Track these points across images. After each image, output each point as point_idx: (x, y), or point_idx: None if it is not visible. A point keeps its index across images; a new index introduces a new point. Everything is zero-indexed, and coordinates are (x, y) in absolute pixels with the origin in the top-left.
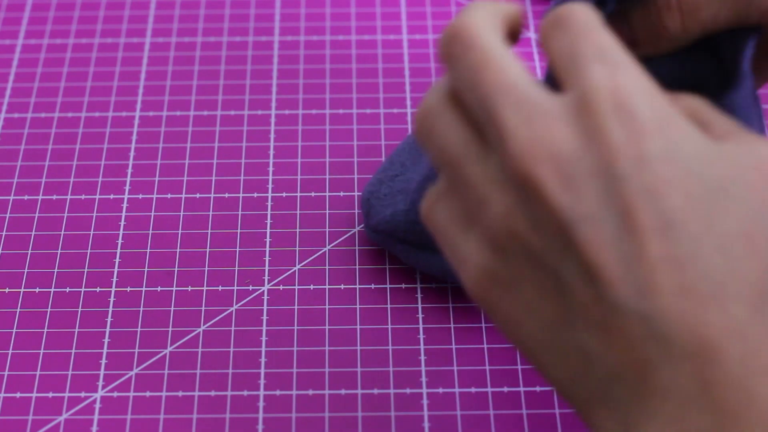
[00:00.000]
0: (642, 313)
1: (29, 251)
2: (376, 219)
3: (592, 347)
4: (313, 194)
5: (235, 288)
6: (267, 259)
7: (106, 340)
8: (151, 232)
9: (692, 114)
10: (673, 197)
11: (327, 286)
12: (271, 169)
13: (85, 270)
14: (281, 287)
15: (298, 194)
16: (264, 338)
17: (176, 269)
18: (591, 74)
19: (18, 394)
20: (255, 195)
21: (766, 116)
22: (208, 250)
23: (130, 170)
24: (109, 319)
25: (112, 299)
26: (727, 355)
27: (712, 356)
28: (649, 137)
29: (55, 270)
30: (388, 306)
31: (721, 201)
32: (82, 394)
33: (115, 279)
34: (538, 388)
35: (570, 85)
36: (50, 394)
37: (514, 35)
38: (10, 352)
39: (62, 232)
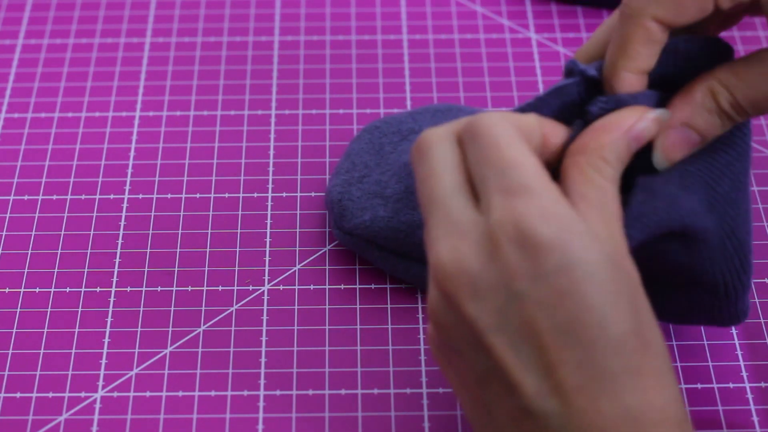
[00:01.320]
0: (544, 411)
1: (29, 251)
2: (352, 222)
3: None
4: (313, 194)
5: (235, 288)
6: (267, 259)
7: (106, 340)
8: (151, 232)
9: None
10: (570, 306)
11: (327, 286)
12: (271, 169)
13: (85, 270)
14: (281, 287)
15: (298, 194)
16: (264, 338)
17: (176, 269)
18: (494, 204)
19: (18, 394)
20: (255, 195)
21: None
22: (208, 250)
23: (130, 170)
24: (109, 319)
25: (112, 299)
26: None
27: None
28: (545, 256)
29: (55, 270)
30: (388, 306)
31: (618, 305)
32: (82, 394)
33: (115, 279)
34: None
35: (482, 205)
36: (50, 394)
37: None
38: (10, 352)
39: (62, 232)
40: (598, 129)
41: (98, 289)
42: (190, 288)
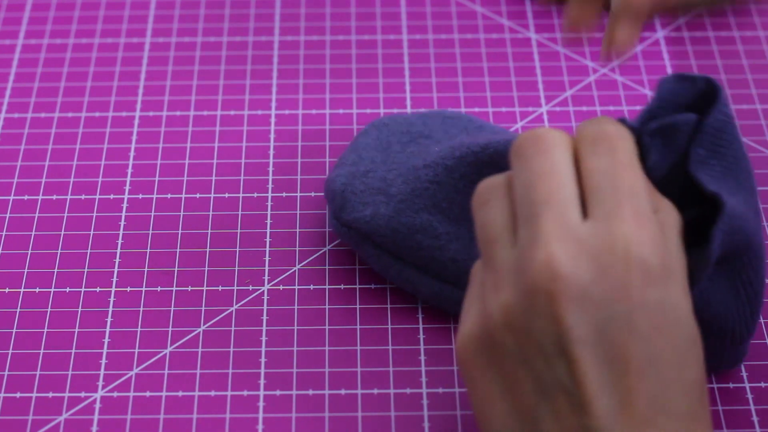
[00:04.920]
0: None
1: (29, 251)
2: (353, 215)
3: None
4: (312, 194)
5: (235, 288)
6: (267, 259)
7: (106, 340)
8: (151, 232)
9: None
10: (659, 345)
11: (327, 286)
12: (270, 169)
13: (85, 270)
14: (281, 287)
15: (298, 194)
16: (264, 338)
17: (176, 269)
18: (615, 224)
19: (18, 394)
20: (255, 195)
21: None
22: (208, 250)
23: (130, 170)
24: (109, 319)
25: (112, 299)
26: None
27: None
28: (653, 287)
29: (55, 270)
30: (388, 306)
31: (693, 351)
32: (82, 394)
33: (115, 279)
34: None
35: (598, 218)
36: (50, 394)
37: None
38: (10, 352)
39: (62, 232)
40: None
41: (98, 289)
42: (190, 288)
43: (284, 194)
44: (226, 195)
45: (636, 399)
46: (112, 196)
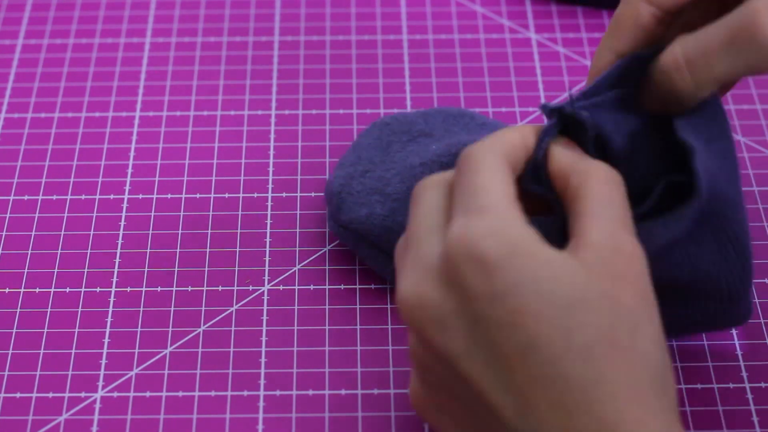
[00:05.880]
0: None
1: (29, 251)
2: (348, 216)
3: None
4: (312, 194)
5: (235, 288)
6: (267, 259)
7: (106, 340)
8: (151, 232)
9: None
10: (529, 324)
11: (327, 286)
12: (271, 169)
13: (85, 270)
14: (281, 287)
15: (298, 194)
16: (264, 338)
17: (176, 269)
18: (451, 227)
19: (18, 394)
20: (255, 195)
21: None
22: (208, 250)
23: (130, 170)
24: (109, 319)
25: (112, 299)
26: None
27: None
28: (497, 275)
29: (55, 270)
30: (388, 306)
31: (578, 314)
32: (82, 394)
33: (115, 279)
34: None
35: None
36: (50, 394)
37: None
38: (10, 352)
39: (62, 232)
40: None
41: (98, 289)
42: (190, 288)
43: (284, 194)
44: (226, 195)
45: (531, 389)
46: (112, 196)
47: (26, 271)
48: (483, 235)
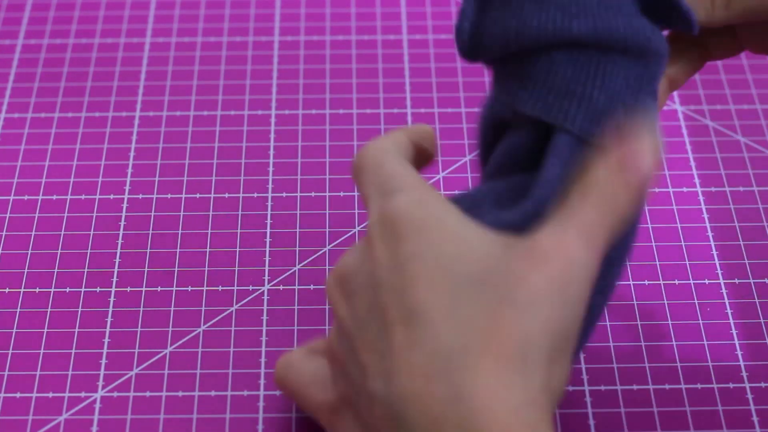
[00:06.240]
0: (386, 399)
1: (29, 251)
2: None
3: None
4: (313, 194)
5: (235, 288)
6: (267, 259)
7: (106, 340)
8: (151, 232)
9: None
10: (419, 291)
11: None
12: (271, 169)
13: (85, 270)
14: (281, 287)
15: (298, 194)
16: (264, 338)
17: (176, 269)
18: (371, 209)
19: (18, 394)
20: (255, 195)
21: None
22: (208, 250)
23: (130, 170)
24: (109, 319)
25: (112, 299)
26: (448, 424)
27: (436, 427)
28: (403, 242)
29: (55, 270)
30: None
31: (472, 291)
32: (82, 394)
33: (115, 279)
34: None
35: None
36: (50, 394)
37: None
38: (10, 352)
39: (62, 232)
40: None
41: (98, 289)
42: (190, 288)
43: (284, 194)
44: (226, 195)
45: (400, 352)
46: (112, 196)
47: (26, 271)
48: (398, 208)
